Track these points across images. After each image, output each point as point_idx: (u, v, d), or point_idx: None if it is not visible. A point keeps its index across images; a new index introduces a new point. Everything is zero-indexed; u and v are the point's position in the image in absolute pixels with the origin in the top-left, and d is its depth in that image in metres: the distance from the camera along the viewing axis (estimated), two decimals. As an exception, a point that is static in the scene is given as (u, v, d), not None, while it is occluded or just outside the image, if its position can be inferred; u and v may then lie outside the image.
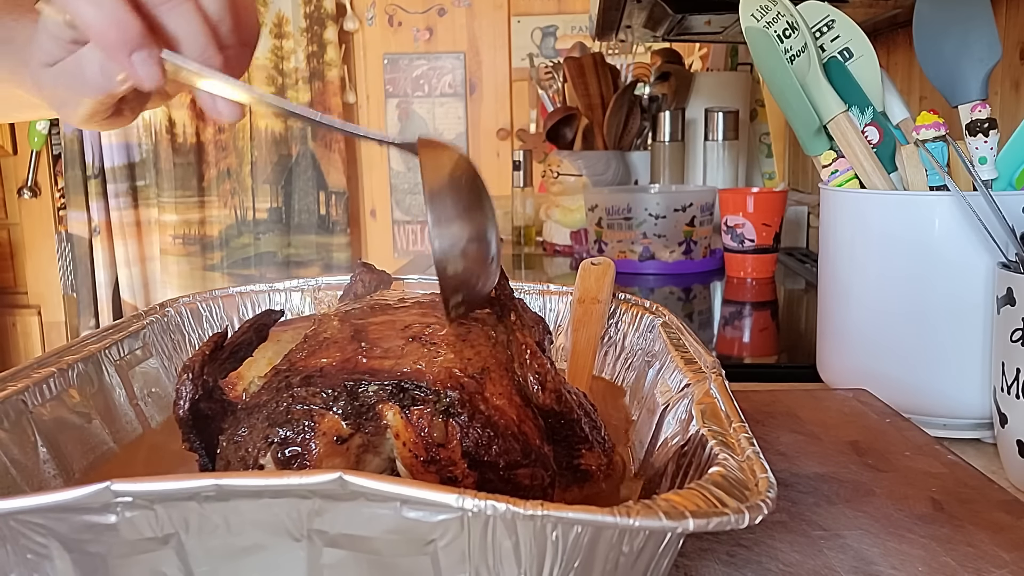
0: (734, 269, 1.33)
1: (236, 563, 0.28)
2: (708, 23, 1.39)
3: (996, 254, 0.58)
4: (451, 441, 0.35)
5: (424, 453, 0.35)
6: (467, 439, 0.35)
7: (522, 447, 0.36)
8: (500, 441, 0.35)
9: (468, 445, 0.35)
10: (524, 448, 0.36)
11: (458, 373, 0.37)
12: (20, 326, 2.67)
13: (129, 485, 0.26)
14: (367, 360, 0.38)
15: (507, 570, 0.28)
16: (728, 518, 0.27)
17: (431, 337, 0.40)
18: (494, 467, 0.35)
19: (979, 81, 0.62)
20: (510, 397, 0.38)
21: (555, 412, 0.40)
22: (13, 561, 0.28)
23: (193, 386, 0.38)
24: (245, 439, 0.35)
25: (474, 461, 0.35)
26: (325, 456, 0.34)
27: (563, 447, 0.40)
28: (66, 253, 2.58)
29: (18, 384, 0.44)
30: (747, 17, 0.70)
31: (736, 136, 1.67)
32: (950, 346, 0.61)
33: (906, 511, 0.45)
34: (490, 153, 2.56)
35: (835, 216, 0.69)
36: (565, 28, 2.48)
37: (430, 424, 0.35)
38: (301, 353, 0.40)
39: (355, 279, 0.66)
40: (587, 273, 0.67)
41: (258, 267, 2.56)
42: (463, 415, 0.35)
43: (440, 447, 0.35)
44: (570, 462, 0.41)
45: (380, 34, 2.53)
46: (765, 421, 0.59)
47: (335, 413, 0.35)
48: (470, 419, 0.35)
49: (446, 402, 0.35)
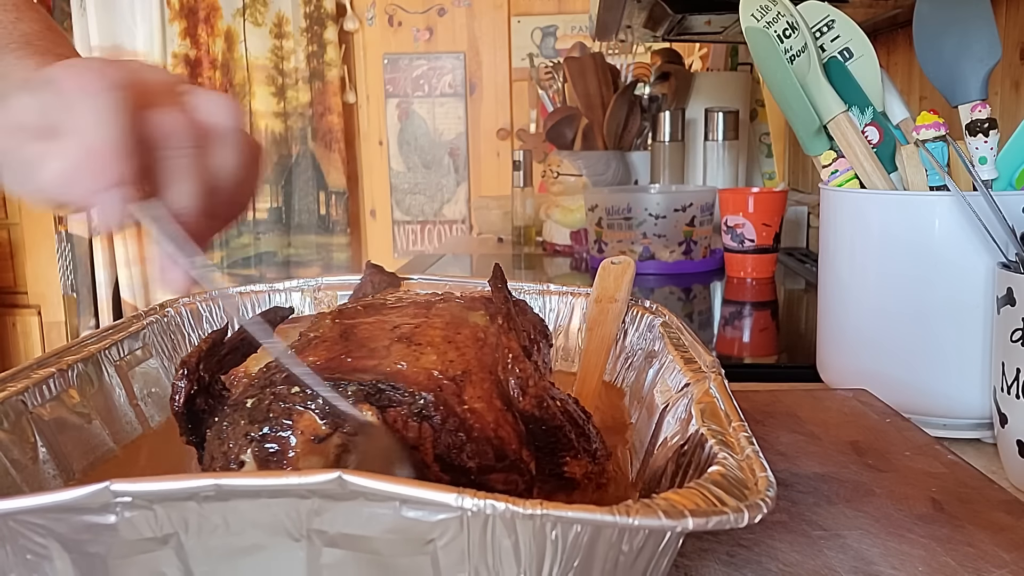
0: (734, 269, 1.33)
1: (235, 563, 0.28)
2: (708, 23, 1.39)
3: (996, 254, 0.58)
4: (424, 443, 0.35)
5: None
6: (439, 442, 0.35)
7: (496, 451, 0.36)
8: (473, 445, 0.35)
9: (440, 448, 0.35)
10: (498, 452, 0.36)
11: (437, 375, 0.37)
12: (20, 326, 2.67)
13: (128, 485, 0.26)
14: (352, 360, 0.38)
15: (507, 569, 0.28)
16: (727, 517, 0.27)
17: (417, 338, 0.40)
18: (466, 471, 0.35)
19: (979, 81, 0.62)
20: (490, 401, 0.38)
21: (536, 418, 0.40)
22: (12, 561, 0.28)
23: (189, 382, 0.38)
24: (228, 435, 0.36)
25: (446, 464, 0.35)
26: (303, 455, 0.35)
27: (546, 454, 0.40)
28: (66, 253, 2.58)
29: (18, 384, 0.44)
30: (747, 17, 0.70)
31: (736, 136, 1.67)
32: (950, 346, 0.61)
33: (906, 511, 0.45)
34: (490, 153, 2.56)
35: (835, 216, 0.69)
36: (565, 28, 2.48)
37: (404, 426, 0.35)
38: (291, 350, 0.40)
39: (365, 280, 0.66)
40: (606, 272, 0.67)
41: (258, 267, 2.56)
42: (436, 418, 0.35)
43: (413, 449, 0.35)
44: (554, 469, 0.41)
45: (380, 34, 2.53)
46: (765, 421, 0.59)
47: (313, 412, 0.35)
48: (443, 422, 0.35)
49: (420, 404, 0.35)
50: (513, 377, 0.40)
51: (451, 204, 2.60)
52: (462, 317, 0.43)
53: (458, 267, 1.66)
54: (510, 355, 0.41)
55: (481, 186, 2.58)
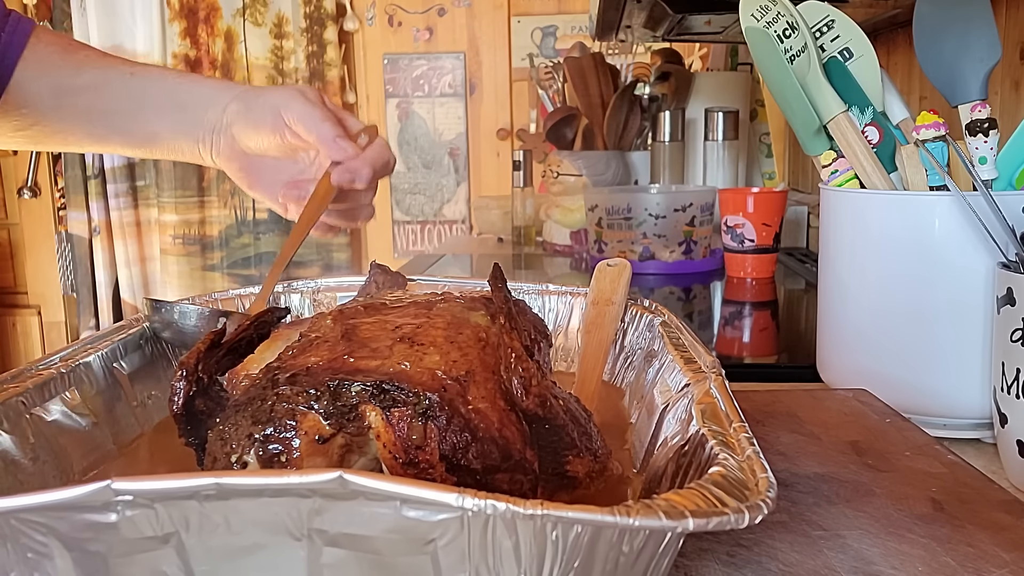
0: (734, 269, 1.33)
1: (236, 562, 0.28)
2: (708, 23, 1.40)
3: (996, 254, 0.58)
4: (429, 444, 0.35)
5: (403, 455, 0.35)
6: (445, 442, 0.35)
7: (501, 452, 0.36)
8: (478, 445, 0.35)
9: (446, 448, 0.35)
10: (503, 453, 0.36)
11: (441, 375, 0.37)
12: (20, 326, 2.67)
13: (129, 484, 0.26)
14: (354, 360, 0.38)
15: (507, 570, 0.28)
16: (728, 518, 0.27)
17: (420, 338, 0.40)
18: (472, 471, 0.35)
19: (979, 81, 0.62)
20: (493, 401, 0.38)
21: (539, 417, 0.40)
22: (14, 560, 0.28)
23: (187, 383, 0.38)
24: (231, 435, 0.36)
25: (452, 464, 0.35)
26: (307, 455, 0.35)
27: (549, 453, 0.40)
28: (66, 253, 2.58)
29: (18, 386, 0.44)
30: (747, 17, 0.70)
31: (736, 136, 1.67)
32: (950, 346, 0.61)
33: (906, 511, 0.45)
34: (490, 153, 2.56)
35: (835, 216, 0.69)
36: (565, 28, 2.48)
37: (409, 426, 0.35)
38: (292, 351, 0.40)
39: (370, 280, 0.66)
40: (602, 275, 0.66)
41: (258, 267, 2.56)
42: (441, 418, 0.35)
43: (418, 449, 0.35)
44: (556, 468, 0.41)
45: (380, 34, 2.53)
46: (765, 421, 0.59)
47: (316, 412, 0.35)
48: (448, 422, 0.35)
49: (425, 404, 0.35)
50: (516, 377, 0.40)
51: (451, 204, 2.60)
52: (463, 317, 0.43)
53: (458, 267, 1.66)
54: (512, 355, 0.41)
55: (481, 186, 2.58)
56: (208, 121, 0.66)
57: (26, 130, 0.66)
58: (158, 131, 0.67)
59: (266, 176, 0.69)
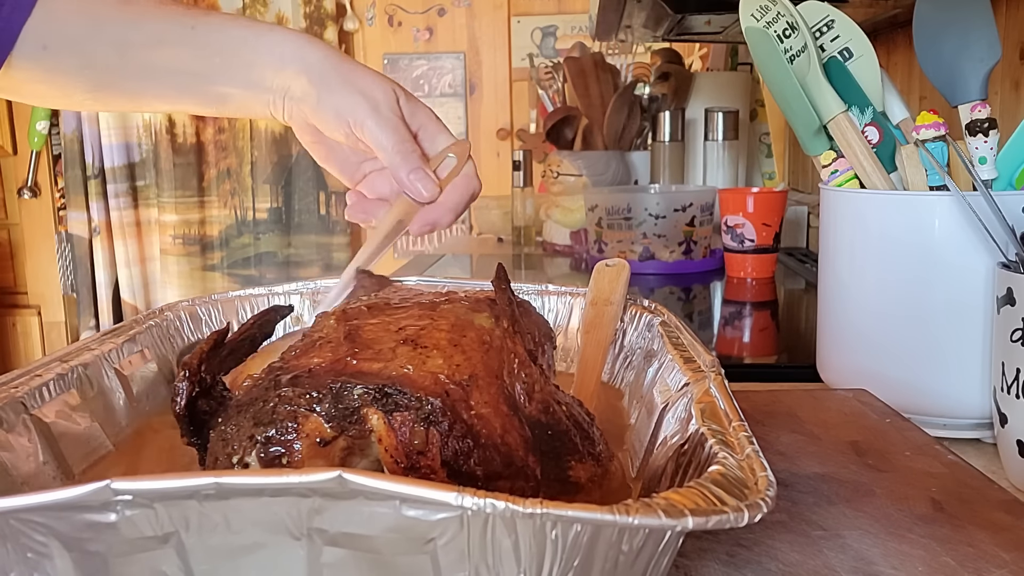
0: (734, 269, 1.33)
1: (236, 562, 0.28)
2: (708, 23, 1.39)
3: (996, 254, 0.58)
4: (431, 449, 0.35)
5: (405, 459, 0.35)
6: (447, 448, 0.35)
7: (503, 458, 0.36)
8: (480, 451, 0.35)
9: (447, 454, 0.35)
10: (505, 459, 0.36)
11: (444, 379, 0.37)
12: (20, 326, 2.67)
13: (129, 483, 0.26)
14: (357, 362, 0.38)
15: (507, 569, 0.28)
16: (727, 516, 0.27)
17: (423, 341, 0.39)
18: (473, 478, 0.35)
19: (979, 81, 0.62)
20: (496, 406, 0.37)
21: (542, 423, 0.40)
22: (13, 560, 0.28)
23: (190, 383, 0.38)
24: (232, 436, 0.35)
25: (453, 470, 0.35)
26: (308, 457, 0.34)
27: (551, 459, 0.40)
28: (66, 253, 2.58)
29: (18, 387, 0.44)
30: (747, 17, 0.70)
31: (736, 136, 1.67)
32: (950, 346, 0.61)
33: (906, 511, 0.45)
34: (490, 153, 2.56)
35: (835, 216, 0.69)
36: (565, 28, 2.48)
37: (411, 431, 0.35)
38: (295, 352, 0.40)
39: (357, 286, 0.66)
40: (601, 275, 0.66)
41: (258, 267, 2.56)
42: (444, 423, 0.35)
43: (420, 454, 0.35)
44: (559, 474, 0.40)
45: (380, 34, 2.53)
46: (765, 421, 0.59)
47: (318, 415, 0.35)
48: (450, 428, 0.35)
49: (427, 409, 0.35)
50: (519, 382, 0.40)
51: (451, 204, 2.60)
52: (467, 319, 0.43)
53: (458, 267, 1.66)
54: (516, 360, 0.41)
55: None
56: (277, 86, 0.60)
57: (95, 92, 0.62)
58: (229, 92, 0.62)
59: (339, 154, 0.64)
